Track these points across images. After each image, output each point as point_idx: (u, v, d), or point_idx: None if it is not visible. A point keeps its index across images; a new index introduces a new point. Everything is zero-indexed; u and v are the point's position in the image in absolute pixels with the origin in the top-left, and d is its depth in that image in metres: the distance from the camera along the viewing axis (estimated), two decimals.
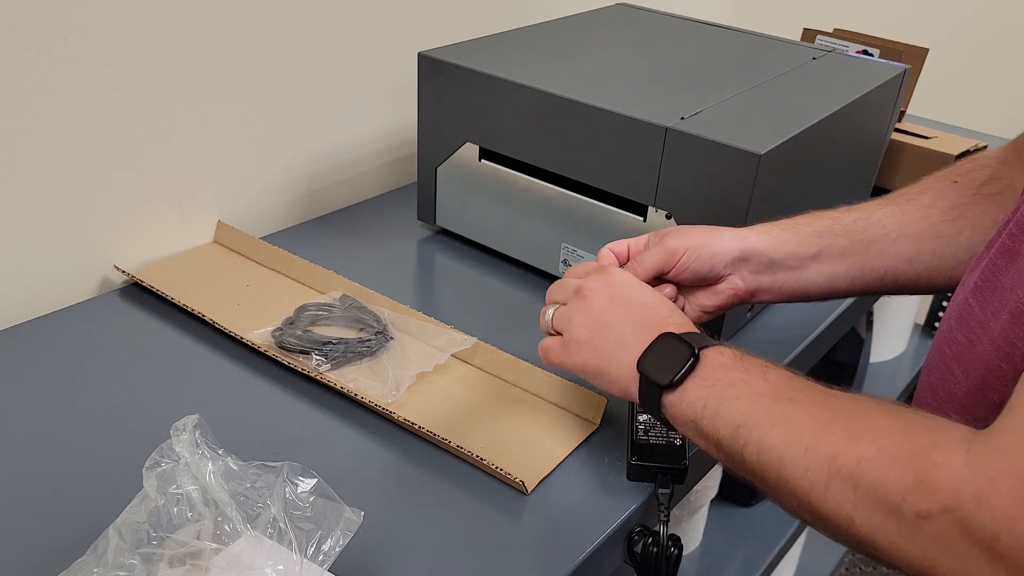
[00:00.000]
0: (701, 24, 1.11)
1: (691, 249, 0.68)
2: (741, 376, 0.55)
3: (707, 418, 0.55)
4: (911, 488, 0.43)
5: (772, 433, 0.51)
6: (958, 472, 0.42)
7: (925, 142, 1.15)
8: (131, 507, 0.54)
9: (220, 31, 0.91)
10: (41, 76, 0.78)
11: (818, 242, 0.70)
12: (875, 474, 0.45)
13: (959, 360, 0.54)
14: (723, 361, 0.57)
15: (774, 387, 0.54)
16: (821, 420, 0.50)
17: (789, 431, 0.50)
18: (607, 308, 0.63)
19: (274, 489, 0.55)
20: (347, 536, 0.54)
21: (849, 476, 0.46)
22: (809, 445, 0.49)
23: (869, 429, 0.47)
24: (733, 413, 0.54)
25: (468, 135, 0.92)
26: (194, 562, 0.52)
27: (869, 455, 0.46)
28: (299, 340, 0.77)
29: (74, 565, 0.52)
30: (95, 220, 0.87)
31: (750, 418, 0.53)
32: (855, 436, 0.47)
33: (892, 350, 1.52)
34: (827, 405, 0.51)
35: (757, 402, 0.53)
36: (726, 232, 0.70)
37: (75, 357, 0.77)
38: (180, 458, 0.54)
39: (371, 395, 0.72)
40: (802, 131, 0.79)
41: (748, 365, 0.56)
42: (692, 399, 0.56)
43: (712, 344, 0.58)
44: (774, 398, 0.53)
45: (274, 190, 1.04)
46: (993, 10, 1.64)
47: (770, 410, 0.52)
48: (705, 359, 0.57)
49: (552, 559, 0.60)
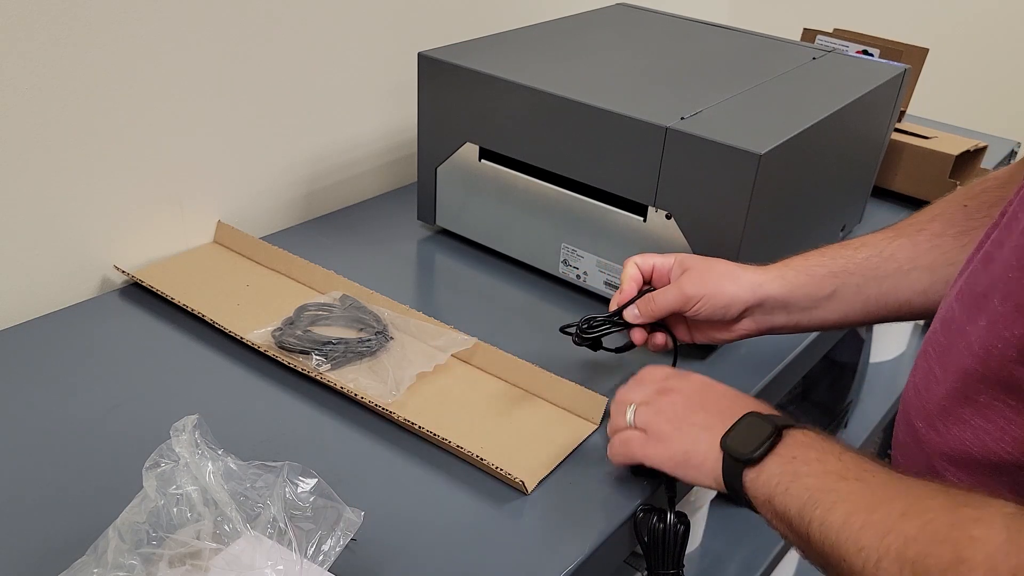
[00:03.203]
0: (701, 24, 1.11)
1: (706, 298, 0.70)
2: (816, 455, 0.55)
3: (779, 495, 0.55)
4: (950, 565, 0.43)
5: (834, 510, 0.51)
6: (996, 547, 0.41)
7: (925, 142, 1.15)
8: (131, 507, 0.54)
9: (220, 32, 0.91)
10: (42, 76, 0.78)
11: (833, 282, 0.71)
12: (919, 552, 0.45)
13: (940, 361, 0.55)
14: (803, 440, 0.57)
15: (845, 466, 0.53)
16: (880, 498, 0.50)
17: (849, 508, 0.50)
18: (691, 403, 0.64)
19: (274, 489, 0.55)
20: (347, 536, 0.54)
21: (897, 555, 0.46)
22: (865, 522, 0.49)
23: (921, 507, 0.47)
24: (802, 490, 0.53)
25: (468, 135, 0.92)
26: (194, 562, 0.52)
27: (915, 533, 0.45)
28: (299, 340, 0.77)
29: (74, 566, 0.52)
30: (95, 220, 0.87)
31: (816, 495, 0.52)
32: (906, 514, 0.47)
33: (892, 350, 1.52)
34: (891, 485, 0.51)
35: (826, 479, 0.53)
36: (743, 277, 0.71)
37: (75, 357, 0.77)
38: (180, 458, 0.54)
39: (371, 395, 0.72)
40: (802, 131, 0.79)
41: (826, 444, 0.56)
42: (769, 475, 0.56)
43: (796, 425, 0.59)
44: (842, 476, 0.53)
45: (274, 190, 1.04)
46: (993, 10, 1.64)
47: (836, 488, 0.52)
48: (787, 437, 0.57)
49: (552, 559, 0.60)
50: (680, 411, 0.63)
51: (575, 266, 0.90)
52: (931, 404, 0.55)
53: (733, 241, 0.77)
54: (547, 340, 0.82)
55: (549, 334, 0.83)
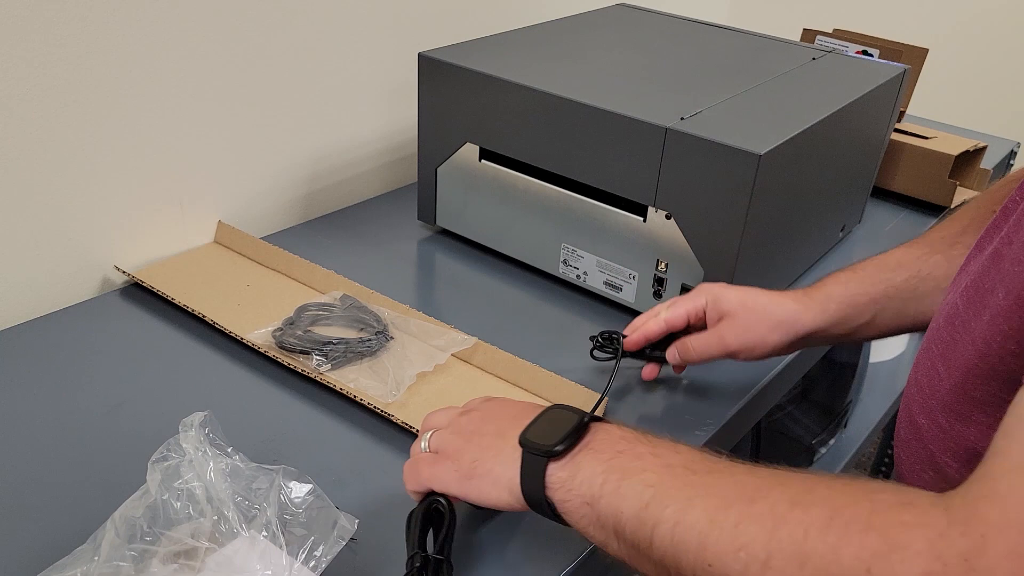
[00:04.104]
0: (701, 24, 1.11)
1: (748, 350, 0.70)
2: (648, 448, 0.48)
3: (607, 495, 0.47)
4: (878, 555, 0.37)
5: (692, 508, 0.43)
6: (939, 530, 0.36)
7: (925, 142, 1.15)
8: (131, 500, 0.54)
9: (221, 32, 0.91)
10: (43, 77, 0.78)
11: (873, 308, 0.71)
12: (828, 544, 0.38)
13: (943, 357, 0.55)
14: (623, 434, 0.50)
15: (689, 458, 0.47)
16: (756, 488, 0.43)
17: (715, 503, 0.43)
18: (487, 416, 0.57)
19: (269, 493, 0.55)
20: (339, 543, 0.53)
21: (795, 551, 0.39)
22: (741, 517, 0.42)
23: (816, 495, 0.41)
24: (640, 487, 0.46)
25: (468, 135, 0.92)
26: (186, 561, 0.52)
27: (819, 522, 0.39)
28: (299, 340, 0.77)
29: (74, 553, 0.53)
30: (96, 220, 0.87)
31: (662, 492, 0.45)
32: (800, 503, 0.40)
33: (892, 350, 1.52)
34: (758, 474, 0.44)
35: (670, 473, 0.46)
36: (784, 319, 0.70)
37: (75, 357, 0.77)
38: (185, 454, 0.54)
39: (371, 395, 0.72)
40: (802, 131, 0.79)
41: (654, 439, 0.50)
42: (587, 475, 0.48)
43: (606, 419, 0.53)
44: (691, 469, 0.46)
45: (275, 190, 1.04)
46: (993, 10, 1.64)
47: (688, 481, 0.45)
48: (600, 430, 0.51)
49: (553, 557, 0.60)
50: (475, 425, 0.56)
51: (575, 266, 0.90)
52: (934, 400, 0.55)
53: (733, 241, 0.77)
54: (547, 340, 0.82)
55: (549, 334, 0.83)
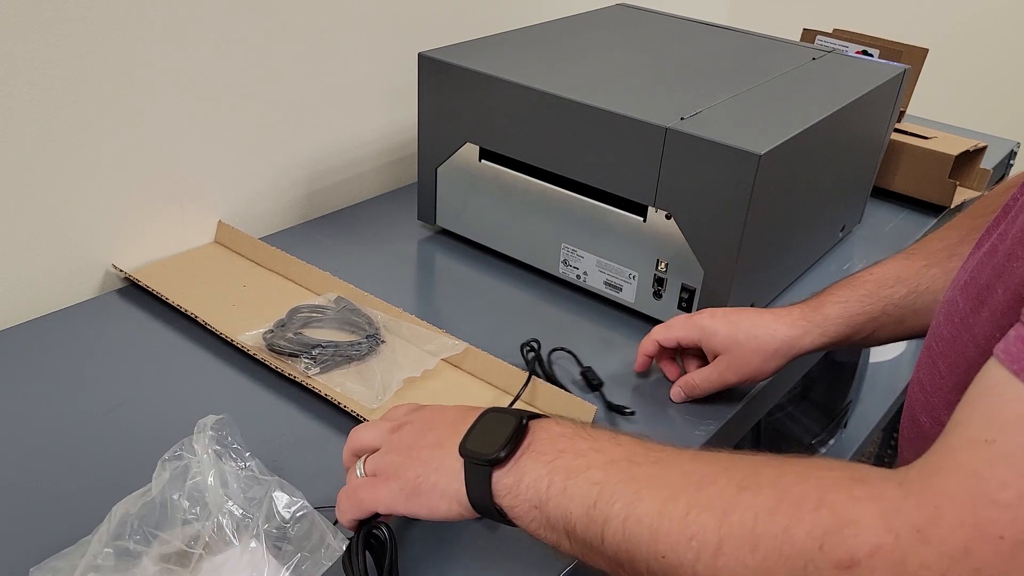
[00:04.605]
0: (701, 24, 1.11)
1: (748, 380, 0.71)
2: (589, 444, 0.48)
3: (554, 498, 0.47)
4: (829, 531, 0.36)
5: (640, 501, 0.43)
6: (892, 502, 0.36)
7: (925, 142, 1.15)
8: (132, 496, 0.54)
9: (221, 32, 0.91)
10: (42, 76, 0.78)
11: (873, 325, 0.72)
12: (779, 526, 0.38)
13: (944, 355, 0.55)
14: (562, 431, 0.50)
15: (630, 450, 0.47)
16: (702, 476, 0.43)
17: (663, 494, 0.43)
18: (422, 427, 0.55)
19: (262, 504, 0.54)
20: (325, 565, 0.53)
21: (746, 535, 0.39)
22: (690, 506, 0.41)
23: (763, 478, 0.41)
24: (587, 486, 0.46)
25: (468, 135, 0.92)
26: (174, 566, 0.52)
27: (770, 504, 0.39)
28: (289, 343, 0.77)
29: (80, 542, 0.54)
30: (96, 220, 0.87)
31: (609, 488, 0.45)
32: (748, 487, 0.40)
33: (892, 350, 1.52)
34: (702, 460, 0.44)
35: (614, 468, 0.46)
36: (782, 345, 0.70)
37: (74, 357, 0.77)
38: (196, 455, 0.55)
39: (356, 400, 0.72)
40: (802, 131, 0.79)
41: (594, 433, 0.49)
42: (533, 478, 0.48)
43: (542, 414, 0.53)
44: (634, 462, 0.45)
45: (275, 190, 1.04)
46: (993, 10, 1.64)
47: (633, 475, 0.45)
48: (539, 429, 0.50)
49: (547, 563, 0.60)
50: (411, 439, 0.54)
51: (575, 266, 0.90)
52: (935, 398, 0.55)
53: (733, 241, 0.77)
54: (546, 340, 0.82)
55: (549, 334, 0.83)
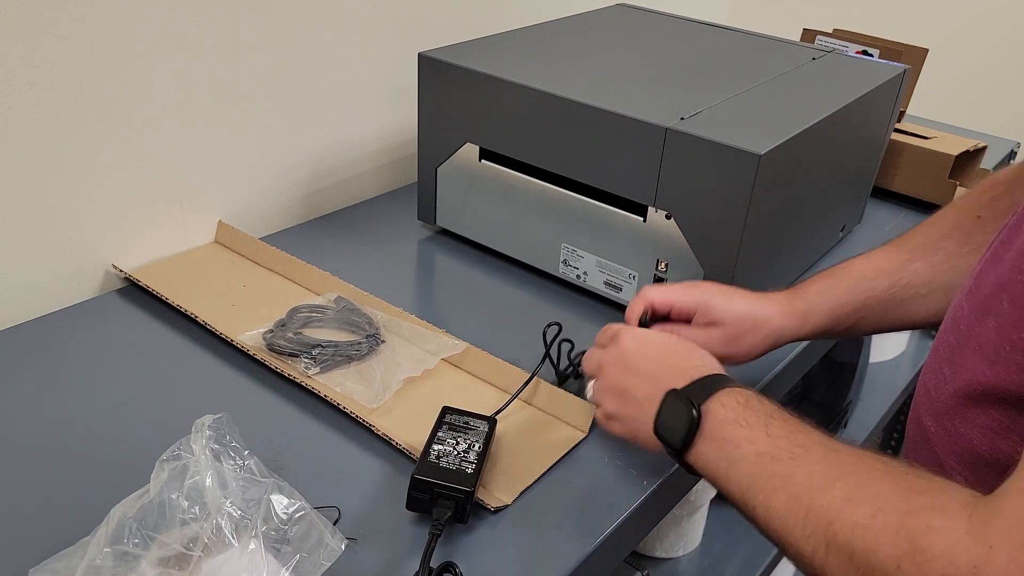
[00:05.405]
0: (701, 24, 1.11)
1: (732, 357, 0.71)
2: (744, 433, 0.54)
3: (720, 480, 0.55)
4: (905, 555, 0.41)
5: (775, 497, 0.50)
6: (957, 537, 0.40)
7: (925, 142, 1.15)
8: (130, 498, 0.54)
9: (221, 32, 0.91)
10: (42, 76, 0.78)
11: (855, 316, 0.73)
12: (869, 542, 0.43)
13: (949, 361, 0.55)
14: (725, 416, 0.56)
15: (776, 444, 0.52)
16: (822, 480, 0.48)
17: (790, 494, 0.49)
18: (623, 374, 0.64)
19: (260, 506, 0.54)
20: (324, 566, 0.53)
21: (844, 544, 0.44)
22: (809, 508, 0.47)
23: (867, 492, 0.46)
24: (740, 477, 0.53)
25: (468, 135, 0.92)
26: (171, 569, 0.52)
27: (864, 521, 0.44)
28: (289, 342, 0.76)
29: (80, 543, 0.54)
30: (96, 220, 0.87)
31: (755, 482, 0.52)
32: (852, 499, 0.46)
33: (891, 350, 1.52)
34: (829, 462, 0.49)
35: (760, 463, 0.52)
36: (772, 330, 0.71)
37: (75, 357, 0.77)
38: (193, 456, 0.54)
39: (356, 399, 0.72)
40: (802, 131, 0.79)
41: (751, 417, 0.55)
42: (707, 460, 0.56)
43: (717, 390, 0.57)
44: (775, 457, 0.51)
45: (275, 190, 1.04)
46: (993, 10, 1.64)
47: (772, 472, 0.51)
48: (708, 417, 0.56)
49: (549, 562, 0.60)
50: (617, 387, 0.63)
51: (575, 266, 0.90)
52: (940, 403, 0.55)
53: (733, 241, 0.77)
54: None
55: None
